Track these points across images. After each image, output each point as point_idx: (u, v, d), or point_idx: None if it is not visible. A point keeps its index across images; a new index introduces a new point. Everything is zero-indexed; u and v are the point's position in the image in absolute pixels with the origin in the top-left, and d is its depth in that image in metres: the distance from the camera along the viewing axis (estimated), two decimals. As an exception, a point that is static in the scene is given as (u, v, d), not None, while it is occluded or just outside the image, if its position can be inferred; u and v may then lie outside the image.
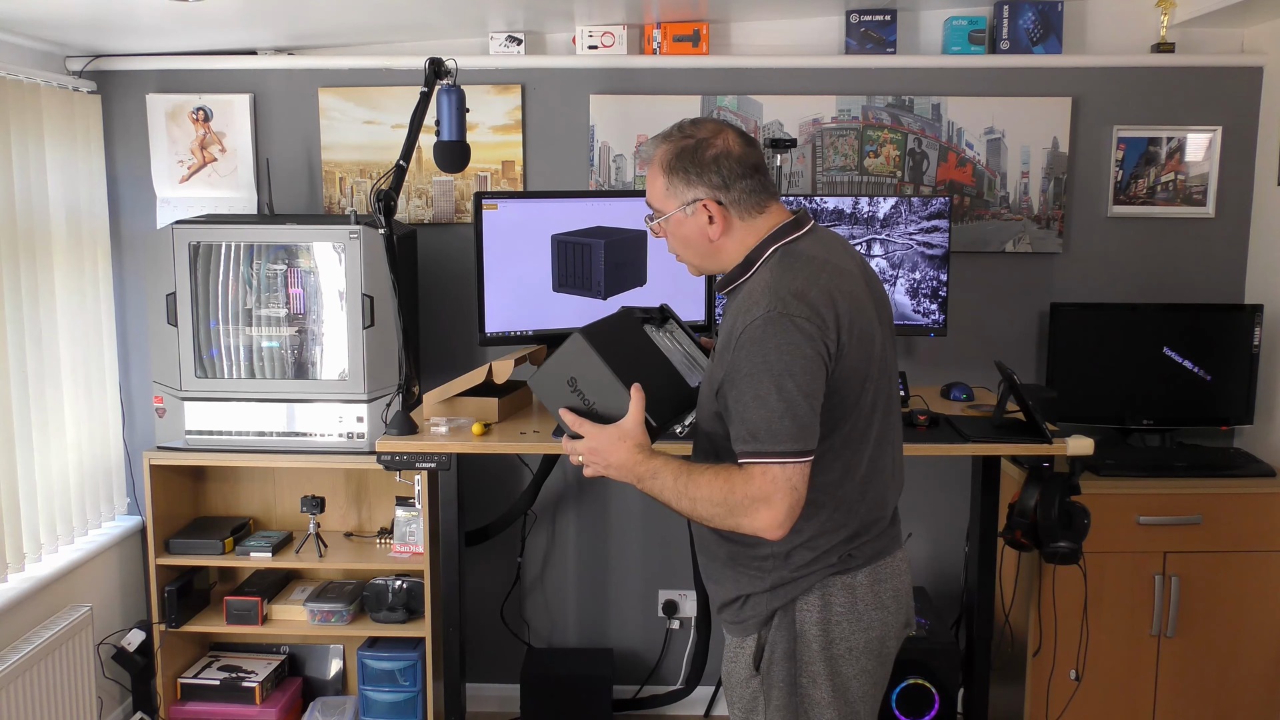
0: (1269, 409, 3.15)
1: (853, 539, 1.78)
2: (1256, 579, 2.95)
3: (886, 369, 1.80)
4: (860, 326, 1.71)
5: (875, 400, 1.76)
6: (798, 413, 1.62)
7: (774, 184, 1.83)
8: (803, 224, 1.80)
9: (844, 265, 1.77)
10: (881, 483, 1.82)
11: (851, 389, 1.71)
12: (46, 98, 2.95)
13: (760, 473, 1.64)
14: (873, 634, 1.80)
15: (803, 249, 1.76)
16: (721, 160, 1.74)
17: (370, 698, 3.18)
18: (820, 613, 1.78)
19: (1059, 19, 3.13)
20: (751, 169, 1.76)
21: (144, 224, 3.28)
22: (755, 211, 1.77)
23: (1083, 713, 2.99)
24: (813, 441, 1.65)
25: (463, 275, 3.22)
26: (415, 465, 2.58)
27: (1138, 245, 3.25)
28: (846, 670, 1.79)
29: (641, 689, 3.47)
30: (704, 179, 1.75)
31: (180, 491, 3.24)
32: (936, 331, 2.99)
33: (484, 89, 3.19)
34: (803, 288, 1.67)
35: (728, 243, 1.79)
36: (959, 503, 3.26)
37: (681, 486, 1.71)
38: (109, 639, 3.17)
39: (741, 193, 1.76)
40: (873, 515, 1.81)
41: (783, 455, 1.62)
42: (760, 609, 1.81)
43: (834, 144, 3.21)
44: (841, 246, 1.84)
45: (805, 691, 1.79)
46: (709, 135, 1.76)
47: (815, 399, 1.65)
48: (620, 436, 1.77)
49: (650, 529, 3.42)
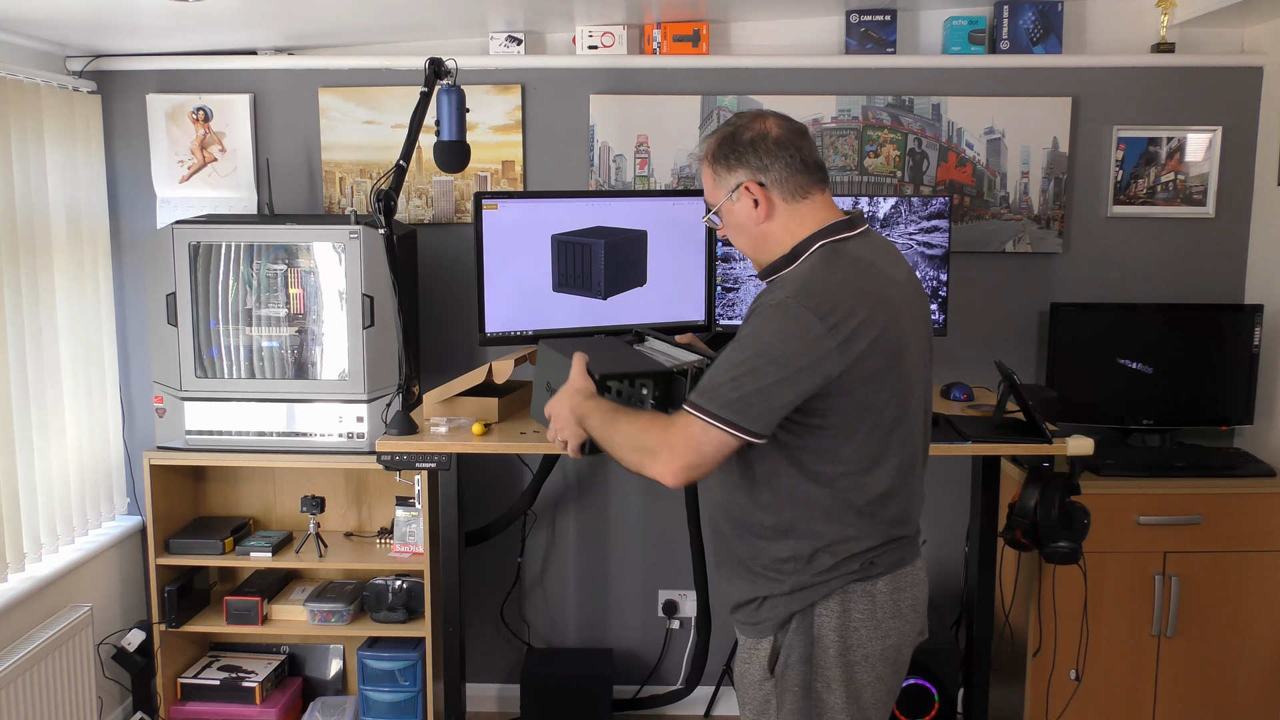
0: (1269, 409, 3.15)
1: (878, 547, 1.77)
2: (1256, 579, 2.95)
3: (921, 384, 1.79)
4: (893, 337, 1.69)
5: (906, 414, 1.74)
6: (748, 390, 1.63)
7: (820, 171, 1.80)
8: (855, 225, 1.78)
9: (891, 273, 1.75)
10: (910, 498, 1.81)
11: (869, 396, 1.68)
12: (46, 98, 2.95)
13: (683, 422, 1.67)
14: (889, 642, 1.79)
15: (850, 249, 1.74)
16: (758, 142, 1.75)
17: (370, 698, 3.18)
18: (839, 619, 1.76)
19: (1059, 19, 3.13)
20: (791, 150, 1.75)
21: (144, 224, 3.28)
22: (799, 195, 1.76)
23: (1083, 713, 3.00)
24: (752, 425, 1.64)
25: (463, 275, 3.22)
26: (415, 465, 2.58)
27: (1138, 245, 3.25)
28: (862, 677, 1.78)
29: (641, 689, 3.47)
30: (744, 162, 1.76)
31: (180, 491, 3.24)
32: (937, 331, 2.98)
33: (484, 89, 3.19)
34: (838, 285, 1.66)
35: (775, 228, 1.78)
36: (959, 503, 3.26)
37: (608, 425, 1.79)
38: (109, 639, 3.17)
39: (782, 172, 1.75)
40: (897, 528, 1.79)
41: (710, 416, 1.64)
42: (778, 612, 1.79)
43: (834, 144, 3.21)
44: (893, 254, 1.82)
45: (819, 696, 1.78)
46: (747, 121, 1.79)
47: (782, 394, 1.64)
48: (565, 392, 1.90)
49: (650, 529, 3.42)
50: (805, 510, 1.74)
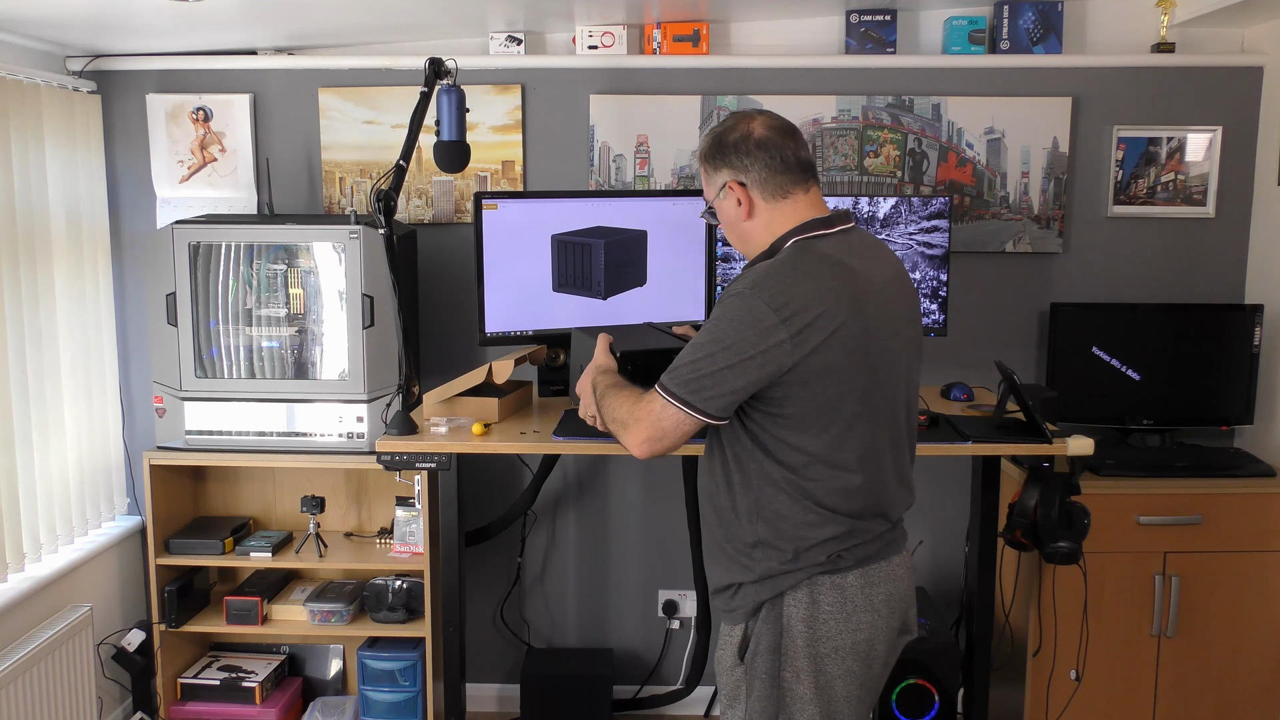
0: (1269, 409, 3.15)
1: (843, 539, 1.79)
2: (1256, 579, 2.95)
3: (893, 381, 1.81)
4: (852, 334, 1.72)
5: (870, 409, 1.77)
6: (703, 373, 1.72)
7: (806, 172, 1.83)
8: (834, 223, 1.82)
9: (865, 272, 1.78)
10: (882, 492, 1.83)
11: (826, 389, 1.73)
12: (46, 98, 2.95)
13: (649, 399, 1.79)
14: (860, 635, 1.81)
15: (821, 247, 1.78)
16: (741, 143, 1.82)
17: (370, 698, 3.18)
18: (807, 609, 1.79)
19: (1059, 19, 3.13)
20: (771, 150, 1.80)
21: (144, 224, 3.28)
22: (780, 194, 1.82)
23: (1083, 713, 2.99)
24: (705, 406, 1.73)
25: (463, 275, 3.22)
26: (415, 465, 2.58)
27: (1138, 245, 3.25)
28: (831, 669, 1.81)
29: (641, 689, 3.47)
30: (727, 162, 1.84)
31: (180, 491, 3.24)
32: (936, 331, 2.98)
33: (484, 89, 3.19)
34: (795, 280, 1.72)
35: (756, 227, 1.85)
36: (959, 503, 3.26)
37: (603, 399, 1.92)
38: (109, 639, 3.17)
39: (761, 172, 1.81)
40: (866, 523, 1.82)
41: (669, 395, 1.76)
42: (749, 600, 1.83)
43: (834, 144, 3.21)
44: (875, 254, 1.85)
45: (788, 686, 1.81)
46: (735, 122, 1.85)
47: (735, 380, 1.71)
48: (588, 370, 2.03)
49: (650, 529, 3.42)
50: (770, 495, 1.79)
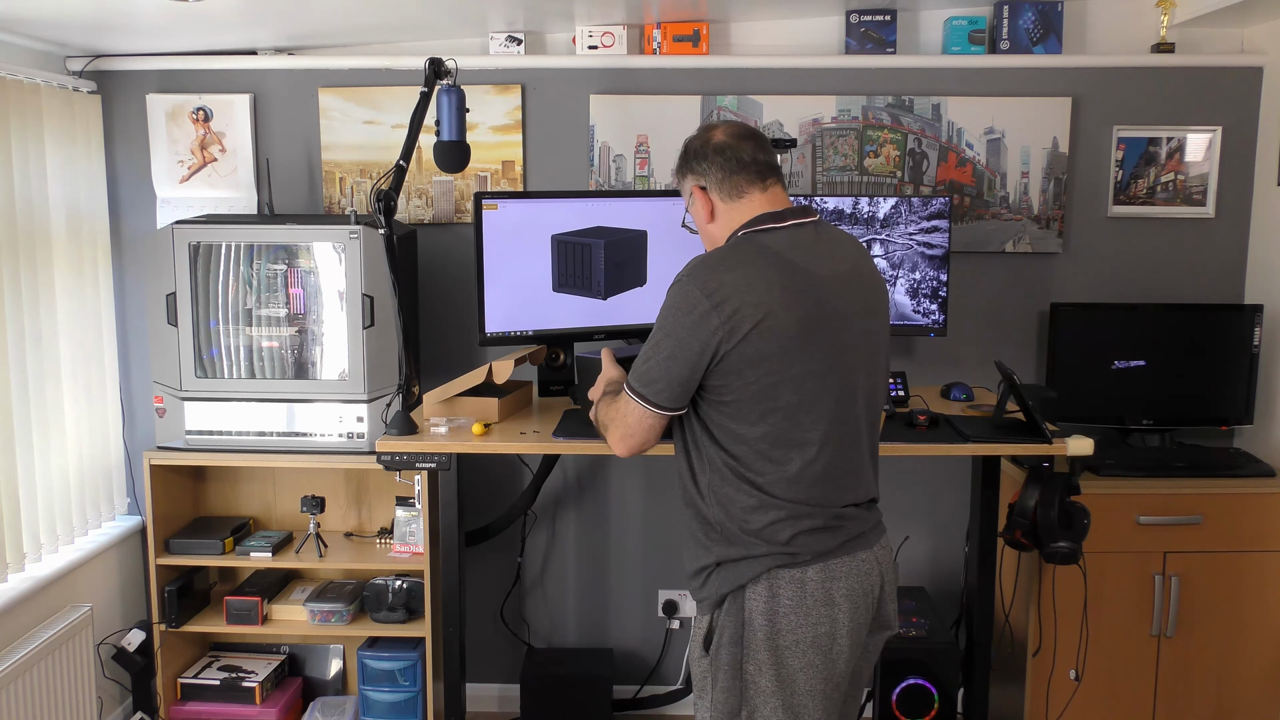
0: (1269, 409, 3.15)
1: (785, 524, 1.81)
2: (1256, 579, 2.95)
3: (844, 372, 1.84)
4: (783, 322, 1.77)
5: (810, 400, 1.81)
6: (651, 365, 1.83)
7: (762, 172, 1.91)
8: (785, 218, 1.88)
9: (808, 265, 1.83)
10: (827, 483, 1.85)
11: (759, 379, 1.77)
12: (46, 98, 2.95)
13: (622, 399, 1.91)
14: (821, 629, 1.83)
15: (762, 240, 1.85)
16: (701, 150, 1.94)
17: (370, 698, 3.18)
18: (767, 603, 1.83)
19: (1059, 19, 3.13)
20: (727, 153, 1.90)
21: (144, 224, 3.29)
22: (736, 194, 1.91)
23: (1083, 713, 3.00)
24: (658, 398, 1.84)
25: (463, 275, 3.22)
26: (415, 465, 2.58)
27: (1137, 245, 3.25)
28: (792, 662, 1.83)
29: (641, 689, 3.47)
30: (691, 169, 1.96)
31: (180, 491, 3.24)
32: (936, 331, 2.99)
33: (484, 89, 3.19)
34: (728, 268, 1.80)
35: (718, 227, 1.95)
36: (959, 503, 3.26)
37: (598, 407, 2.03)
38: (109, 639, 3.17)
39: (718, 175, 1.91)
40: (820, 517, 1.84)
41: (630, 391, 1.88)
42: (713, 591, 1.87)
43: (834, 144, 3.21)
44: (831, 249, 1.89)
45: (750, 678, 1.84)
46: (700, 132, 1.97)
47: (678, 369, 1.80)
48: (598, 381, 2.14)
49: (650, 529, 3.42)
50: (720, 479, 1.84)
